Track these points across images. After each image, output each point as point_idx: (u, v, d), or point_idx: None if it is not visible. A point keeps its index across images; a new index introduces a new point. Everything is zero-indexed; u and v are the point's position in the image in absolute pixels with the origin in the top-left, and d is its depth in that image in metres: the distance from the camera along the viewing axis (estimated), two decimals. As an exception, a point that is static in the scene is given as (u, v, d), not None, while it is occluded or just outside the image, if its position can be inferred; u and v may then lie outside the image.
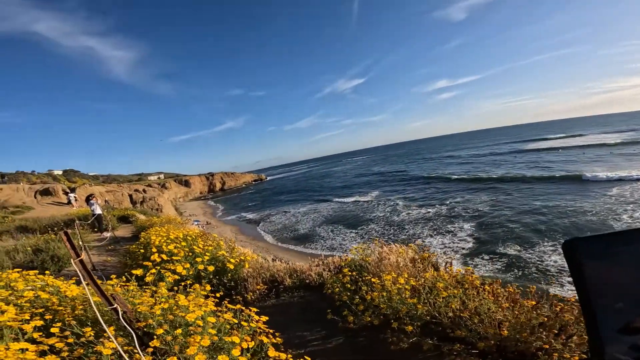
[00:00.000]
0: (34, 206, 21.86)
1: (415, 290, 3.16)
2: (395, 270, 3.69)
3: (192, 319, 1.93)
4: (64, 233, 1.79)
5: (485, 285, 2.91)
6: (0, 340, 1.74)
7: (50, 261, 6.61)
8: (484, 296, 2.70)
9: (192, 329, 1.90)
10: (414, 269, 3.75)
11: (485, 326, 2.45)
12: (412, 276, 3.42)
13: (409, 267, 3.81)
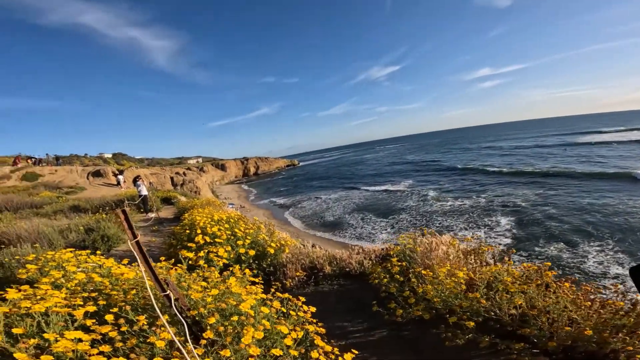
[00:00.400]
0: (86, 187, 23.54)
1: (471, 285, 2.99)
2: (445, 262, 3.51)
3: (246, 309, 1.85)
4: (122, 212, 1.76)
5: (564, 283, 2.72)
6: (47, 327, 1.70)
7: (101, 240, 7.01)
8: (559, 294, 2.51)
9: (244, 319, 1.83)
10: (465, 262, 3.56)
11: (559, 325, 2.31)
12: (465, 269, 3.24)
13: (461, 259, 3.60)
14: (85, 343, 1.50)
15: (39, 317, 1.68)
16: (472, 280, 3.04)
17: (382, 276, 3.51)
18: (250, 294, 2.15)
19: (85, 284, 2.48)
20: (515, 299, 2.55)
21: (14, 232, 6.53)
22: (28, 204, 13.65)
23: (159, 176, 37.09)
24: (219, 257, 3.78)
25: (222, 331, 1.73)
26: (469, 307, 2.70)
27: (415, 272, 3.41)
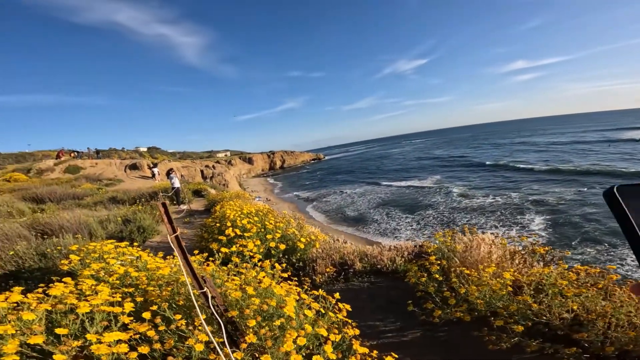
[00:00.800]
0: (123, 179, 24.73)
1: (517, 287, 2.85)
2: (487, 262, 3.34)
3: (290, 312, 1.78)
4: (162, 205, 1.75)
5: (625, 287, 2.55)
6: (90, 325, 1.69)
7: (137, 232, 7.30)
8: (621, 299, 2.35)
9: (284, 321, 1.76)
10: (511, 263, 3.36)
11: (619, 330, 2.20)
12: (512, 270, 3.08)
13: (506, 260, 3.41)
14: (124, 345, 1.48)
15: (82, 315, 1.68)
16: (519, 282, 2.88)
17: (418, 275, 3.39)
18: (289, 294, 2.09)
19: (124, 277, 2.51)
20: (570, 303, 2.41)
21: (57, 222, 6.92)
22: (70, 196, 14.49)
23: (189, 169, 38.28)
24: (250, 251, 3.77)
25: (262, 334, 1.67)
26: (517, 310, 2.56)
27: (457, 271, 3.26)
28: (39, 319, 1.60)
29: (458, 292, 2.94)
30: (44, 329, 1.57)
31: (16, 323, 1.51)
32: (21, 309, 1.65)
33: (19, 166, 31.96)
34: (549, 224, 16.84)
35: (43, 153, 45.89)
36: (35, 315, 1.58)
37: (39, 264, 4.72)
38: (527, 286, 2.72)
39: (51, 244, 5.23)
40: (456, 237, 3.96)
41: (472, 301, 2.79)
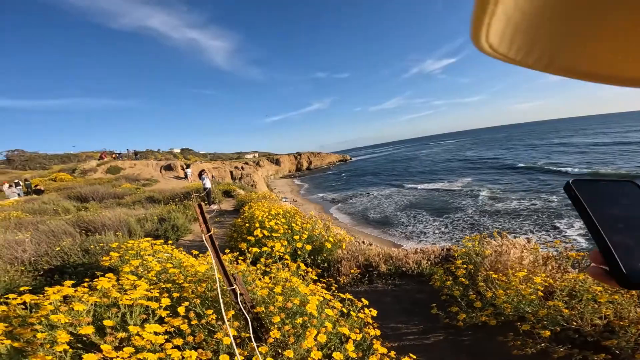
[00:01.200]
0: (159, 179, 25.97)
1: (549, 292, 2.78)
2: (518, 267, 3.25)
3: (311, 310, 1.84)
4: (198, 206, 1.86)
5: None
6: (130, 317, 1.81)
7: (171, 230, 7.67)
8: None
9: (306, 319, 1.83)
10: (544, 268, 3.24)
11: None
12: (544, 276, 2.98)
13: (538, 265, 3.30)
14: (161, 336, 1.59)
15: (124, 308, 1.81)
16: (551, 288, 2.81)
17: (444, 278, 3.36)
18: (314, 293, 2.15)
19: (161, 274, 2.67)
20: (603, 309, 2.35)
21: (100, 220, 7.41)
22: (111, 195, 15.42)
23: (219, 170, 39.49)
24: (278, 252, 3.89)
25: (286, 331, 1.73)
26: (546, 315, 2.50)
27: (484, 275, 3.21)
28: (87, 311, 1.76)
29: (484, 296, 2.90)
30: (92, 319, 1.72)
31: (67, 314, 1.64)
32: (70, 302, 1.79)
33: (64, 167, 34.41)
34: (587, 229, 15.84)
35: (86, 154, 49.04)
36: (85, 306, 1.74)
37: (82, 260, 5.01)
38: (560, 291, 2.65)
39: (94, 240, 5.60)
40: (485, 242, 3.88)
41: (499, 305, 2.75)
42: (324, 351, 1.74)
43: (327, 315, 1.94)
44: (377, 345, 1.86)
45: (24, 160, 45.26)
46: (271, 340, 1.65)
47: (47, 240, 5.94)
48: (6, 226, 7.01)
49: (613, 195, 0.51)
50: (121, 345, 1.62)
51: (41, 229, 6.53)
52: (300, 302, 1.97)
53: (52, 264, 4.98)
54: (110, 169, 28.87)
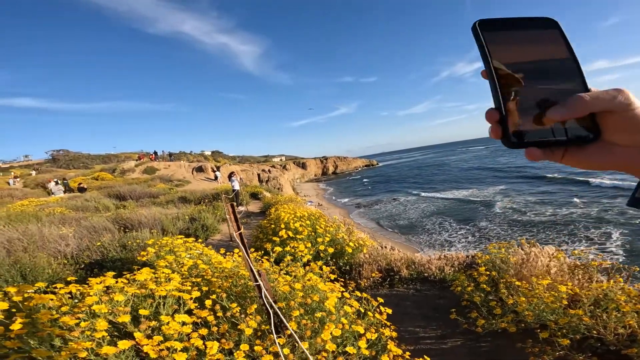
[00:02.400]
0: (190, 180, 27.05)
1: (574, 301, 2.74)
2: (545, 275, 3.19)
3: (330, 306, 1.93)
4: (230, 206, 2.01)
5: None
6: (162, 307, 1.96)
7: (201, 229, 8.03)
8: None
9: (324, 315, 1.91)
10: (571, 277, 3.18)
11: None
12: (570, 284, 2.91)
13: (565, 273, 3.23)
14: (189, 326, 1.72)
15: (158, 299, 1.97)
16: (577, 296, 2.75)
17: (465, 284, 3.36)
18: (333, 291, 2.25)
19: (192, 269, 2.86)
20: (627, 318, 2.32)
21: (136, 218, 7.88)
22: (147, 194, 16.27)
23: (247, 172, 40.49)
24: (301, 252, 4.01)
25: (303, 325, 1.82)
26: (567, 323, 2.47)
27: (506, 282, 3.19)
28: (126, 301, 1.93)
29: (506, 303, 2.89)
30: (130, 309, 1.89)
31: (107, 304, 1.80)
32: (111, 292, 1.97)
33: (105, 166, 36.63)
34: (629, 238, 14.79)
35: (125, 155, 51.91)
36: (124, 296, 1.92)
37: (119, 255, 5.32)
38: (585, 300, 2.60)
39: (131, 237, 5.97)
40: (512, 250, 3.82)
41: (520, 312, 2.73)
42: (339, 348, 1.83)
43: (345, 312, 2.02)
44: (392, 345, 1.91)
45: (69, 160, 48.58)
46: (288, 332, 1.74)
47: (88, 235, 6.38)
48: (51, 221, 7.57)
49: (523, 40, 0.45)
50: (152, 334, 1.76)
51: (83, 225, 7.03)
52: (320, 298, 2.06)
53: (92, 258, 5.28)
54: (146, 170, 30.44)
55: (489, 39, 0.44)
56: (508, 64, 0.44)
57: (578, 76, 0.45)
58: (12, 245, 5.09)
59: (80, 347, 1.33)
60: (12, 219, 7.76)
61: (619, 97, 0.40)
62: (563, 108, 0.42)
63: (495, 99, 0.43)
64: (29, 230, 5.75)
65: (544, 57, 0.45)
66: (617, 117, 0.41)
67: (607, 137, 0.43)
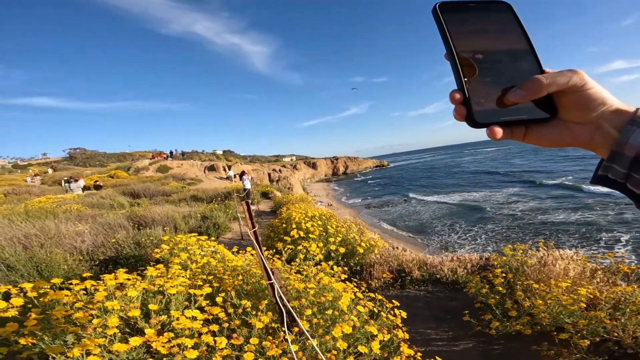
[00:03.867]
0: (202, 179, 27.39)
1: (593, 304, 2.70)
2: (562, 278, 3.11)
3: (344, 306, 1.92)
4: (245, 204, 1.99)
5: None
6: (172, 304, 1.98)
7: (212, 228, 8.10)
8: None
9: (337, 314, 1.90)
10: (590, 280, 3.10)
11: None
12: (591, 288, 2.85)
13: (585, 277, 3.16)
14: (199, 322, 1.72)
15: (168, 295, 1.99)
16: (596, 300, 2.71)
17: (479, 286, 3.29)
18: (345, 291, 2.22)
19: (204, 266, 2.88)
20: None
21: (150, 216, 7.99)
22: (160, 192, 16.54)
23: (258, 172, 40.76)
24: (312, 252, 3.99)
25: (315, 323, 1.81)
26: (586, 325, 2.43)
27: (523, 284, 3.13)
28: (137, 297, 1.94)
29: (522, 305, 2.84)
30: (139, 305, 1.90)
31: (120, 300, 1.82)
32: (123, 288, 2.00)
33: (120, 164, 37.41)
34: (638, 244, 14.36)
35: (140, 153, 52.93)
36: (136, 292, 1.92)
37: (133, 252, 5.39)
38: (604, 303, 2.56)
39: (144, 234, 6.05)
40: (529, 252, 3.73)
41: (537, 315, 2.69)
42: (350, 349, 1.80)
43: (358, 311, 1.99)
44: (404, 347, 1.88)
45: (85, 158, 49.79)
46: (296, 329, 1.73)
47: (103, 232, 6.49)
48: (67, 218, 7.73)
49: (480, 22, 0.47)
50: (163, 330, 1.77)
51: (99, 222, 7.17)
52: (333, 297, 2.05)
53: (107, 254, 5.37)
54: (160, 168, 30.94)
55: (448, 20, 0.45)
56: (468, 45, 0.45)
57: (533, 57, 0.47)
58: (29, 240, 5.21)
59: (93, 344, 1.33)
60: (29, 215, 7.96)
61: (574, 77, 0.42)
62: (522, 90, 0.43)
63: (457, 80, 0.45)
64: (46, 226, 5.89)
65: (501, 39, 0.47)
66: (572, 97, 0.44)
67: (564, 116, 0.45)
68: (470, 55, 0.45)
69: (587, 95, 0.43)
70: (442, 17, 0.45)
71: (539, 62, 0.47)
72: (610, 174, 0.44)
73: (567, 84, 0.42)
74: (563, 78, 0.42)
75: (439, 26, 0.46)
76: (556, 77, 0.43)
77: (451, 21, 0.46)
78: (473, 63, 0.45)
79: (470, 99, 0.44)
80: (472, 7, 0.47)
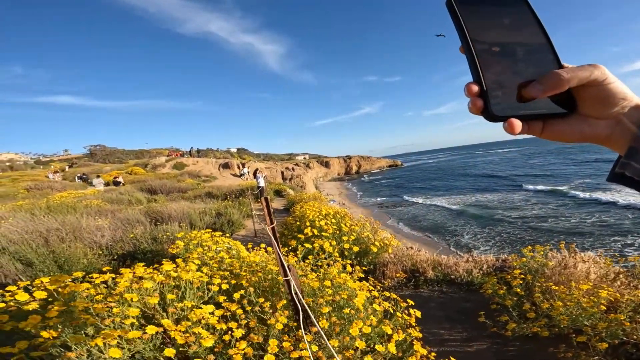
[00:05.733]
0: (217, 177, 27.80)
1: (613, 307, 2.66)
2: (583, 281, 3.04)
3: (359, 304, 1.92)
4: (265, 199, 2.00)
5: None
6: (188, 295, 2.00)
7: (227, 224, 8.19)
8: None
9: (353, 313, 1.89)
10: (612, 283, 3.01)
11: None
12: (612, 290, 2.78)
13: (606, 279, 3.08)
14: (214, 317, 1.73)
15: (184, 288, 2.02)
16: (617, 302, 2.66)
17: (496, 287, 3.24)
18: (362, 289, 2.22)
19: (221, 262, 2.91)
20: None
21: (167, 212, 8.14)
22: (176, 189, 16.86)
23: (271, 170, 41.03)
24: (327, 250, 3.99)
25: (332, 322, 1.81)
26: (605, 328, 2.38)
27: (542, 286, 3.07)
28: (154, 290, 1.98)
29: (540, 306, 2.78)
30: (158, 297, 1.94)
31: (138, 291, 1.86)
32: (143, 280, 2.06)
33: (138, 161, 38.30)
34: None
35: (157, 151, 54.04)
36: (153, 284, 1.97)
37: (150, 247, 5.49)
38: (625, 306, 2.52)
39: (161, 230, 6.17)
40: (550, 254, 3.65)
41: (555, 317, 2.64)
42: (367, 348, 1.79)
43: (374, 310, 1.98)
44: (418, 346, 1.86)
45: (105, 155, 51.15)
46: (315, 329, 1.72)
47: (122, 227, 6.66)
48: (88, 213, 7.95)
49: (497, 15, 0.46)
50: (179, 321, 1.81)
51: (118, 217, 7.35)
52: (349, 296, 2.04)
53: (125, 249, 5.48)
54: (176, 165, 31.53)
55: (464, 13, 0.45)
56: (484, 37, 0.44)
57: (551, 52, 0.46)
58: (50, 235, 5.39)
59: (113, 334, 1.37)
60: (51, 209, 8.24)
61: (596, 72, 0.41)
62: (541, 85, 0.42)
63: (474, 73, 0.44)
64: (67, 220, 6.08)
65: (518, 32, 0.46)
66: (592, 91, 0.43)
67: (584, 110, 0.44)
68: (487, 48, 0.44)
69: (608, 90, 0.42)
70: (458, 9, 0.45)
71: (557, 56, 0.45)
72: (628, 171, 0.43)
73: (588, 78, 0.41)
74: (584, 72, 0.41)
75: (454, 18, 0.45)
76: (577, 71, 0.42)
77: (466, 13, 0.45)
78: (490, 56, 0.44)
79: (488, 91, 0.43)
80: (487, 1, 0.46)
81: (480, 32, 0.45)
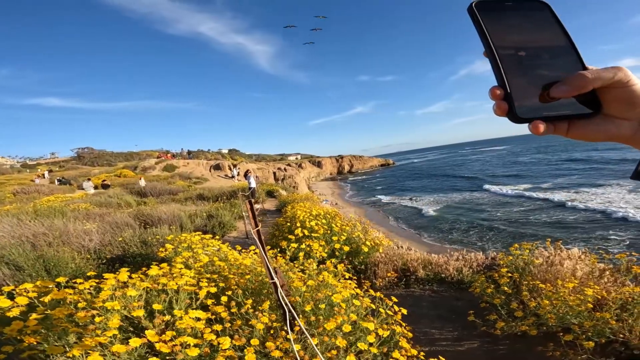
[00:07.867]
0: (208, 178, 27.56)
1: (600, 305, 2.69)
2: (570, 278, 3.08)
3: (337, 300, 1.94)
4: (249, 202, 1.99)
5: None
6: (176, 303, 1.97)
7: (218, 226, 8.12)
8: None
9: (336, 310, 1.91)
10: (598, 281, 3.05)
11: None
12: (598, 288, 2.83)
13: (592, 277, 3.12)
14: (202, 322, 1.72)
15: (171, 294, 1.98)
16: (603, 300, 2.70)
17: (485, 285, 3.27)
18: (345, 287, 2.23)
19: (208, 265, 2.87)
20: None
21: (156, 215, 8.04)
22: (167, 191, 16.66)
23: (263, 171, 40.85)
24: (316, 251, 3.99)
25: (312, 320, 1.83)
26: (592, 326, 2.41)
27: (529, 284, 3.10)
28: (139, 296, 1.91)
29: (527, 305, 2.82)
30: (143, 304, 1.89)
31: (121, 299, 1.80)
32: (127, 287, 1.99)
33: (127, 164, 37.78)
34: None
35: (147, 153, 53.37)
36: (137, 292, 1.89)
37: (140, 250, 5.38)
38: (612, 304, 2.54)
39: (151, 233, 6.08)
40: (536, 252, 3.69)
41: (542, 315, 2.66)
42: (353, 348, 1.79)
43: (355, 305, 2.00)
44: (403, 342, 1.87)
45: (93, 157, 50.35)
46: (297, 328, 1.72)
47: (111, 230, 6.53)
48: (75, 216, 7.80)
49: (518, 20, 0.47)
50: (166, 329, 1.76)
51: (106, 220, 7.23)
52: (330, 293, 2.06)
53: (114, 253, 5.37)
54: (166, 167, 31.19)
55: (486, 18, 0.46)
56: (506, 42, 0.46)
57: (574, 54, 0.47)
58: (37, 239, 5.27)
59: (94, 343, 1.33)
60: (38, 213, 8.07)
61: (619, 73, 0.43)
62: (566, 86, 0.44)
63: (498, 76, 0.45)
64: (55, 225, 5.96)
65: (540, 36, 0.47)
66: (616, 92, 0.44)
67: (608, 111, 0.46)
68: (510, 52, 0.45)
69: (632, 92, 0.43)
70: (479, 15, 0.46)
71: (581, 58, 0.47)
72: None
73: (612, 79, 0.43)
74: (608, 74, 0.43)
75: (476, 24, 0.46)
76: (601, 73, 0.43)
77: (488, 19, 0.46)
78: (513, 59, 0.45)
79: (512, 94, 0.44)
80: (508, 6, 0.48)
81: (503, 37, 0.46)
